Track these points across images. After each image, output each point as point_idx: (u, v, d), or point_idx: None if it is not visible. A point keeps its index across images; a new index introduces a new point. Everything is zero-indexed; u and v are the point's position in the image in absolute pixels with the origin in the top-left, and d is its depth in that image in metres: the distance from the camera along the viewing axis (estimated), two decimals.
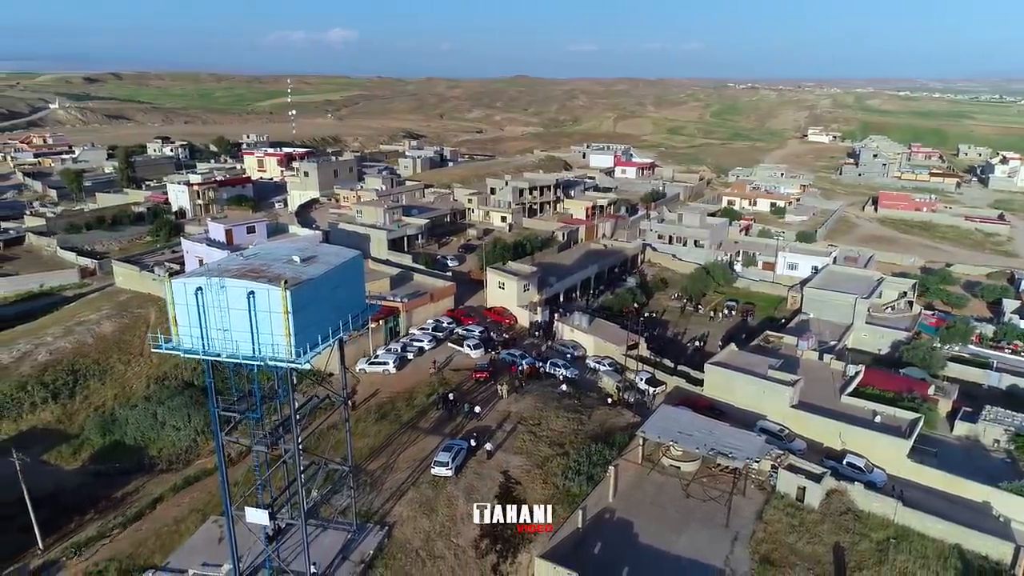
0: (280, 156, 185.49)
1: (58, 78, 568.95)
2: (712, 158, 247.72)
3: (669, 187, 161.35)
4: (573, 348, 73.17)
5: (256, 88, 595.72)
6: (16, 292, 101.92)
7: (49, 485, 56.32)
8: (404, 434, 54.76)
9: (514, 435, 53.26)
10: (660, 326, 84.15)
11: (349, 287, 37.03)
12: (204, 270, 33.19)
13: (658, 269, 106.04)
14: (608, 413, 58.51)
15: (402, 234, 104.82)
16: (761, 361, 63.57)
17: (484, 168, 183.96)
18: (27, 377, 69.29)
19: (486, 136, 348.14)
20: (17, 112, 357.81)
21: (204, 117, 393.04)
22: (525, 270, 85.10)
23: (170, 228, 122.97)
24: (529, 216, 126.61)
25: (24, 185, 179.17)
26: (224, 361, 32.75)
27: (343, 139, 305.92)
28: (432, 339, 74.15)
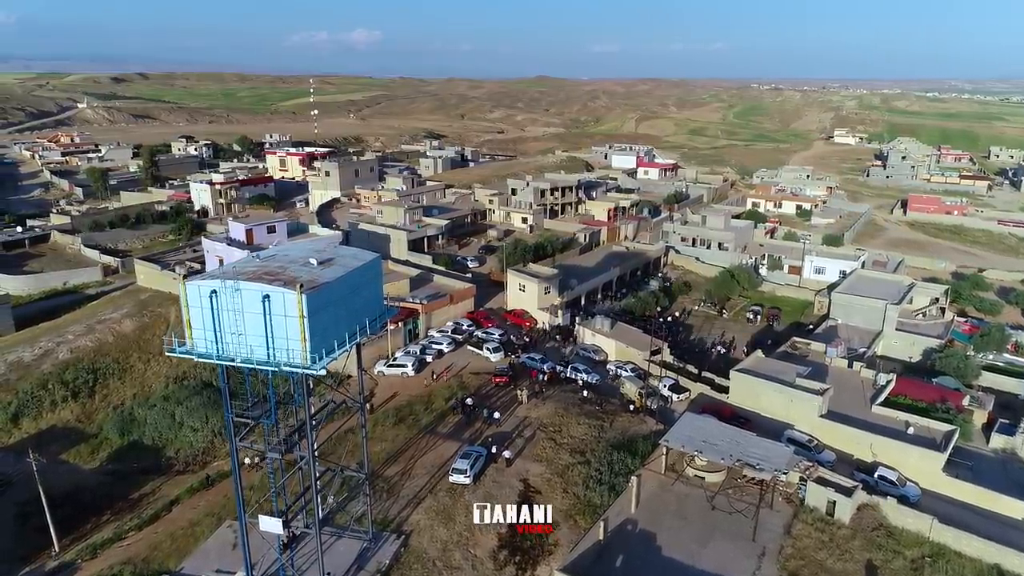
0: (302, 156, 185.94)
1: (86, 78, 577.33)
2: (736, 159, 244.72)
3: (692, 188, 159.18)
4: (594, 352, 71.83)
5: (280, 88, 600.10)
6: (41, 290, 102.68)
7: (67, 484, 56.21)
8: (422, 439, 53.85)
9: (534, 442, 52.11)
10: (683, 330, 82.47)
11: (367, 290, 36.12)
12: (219, 272, 32.49)
13: (681, 272, 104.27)
14: (630, 420, 57.15)
15: (422, 235, 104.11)
16: (788, 368, 61.80)
17: (505, 168, 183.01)
18: (48, 375, 69.50)
19: (507, 136, 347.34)
20: (46, 111, 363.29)
21: (228, 117, 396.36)
22: (546, 272, 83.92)
23: (192, 227, 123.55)
24: (550, 217, 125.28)
25: (51, 183, 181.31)
26: (238, 366, 31.96)
27: (365, 139, 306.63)
28: (451, 342, 73.20)
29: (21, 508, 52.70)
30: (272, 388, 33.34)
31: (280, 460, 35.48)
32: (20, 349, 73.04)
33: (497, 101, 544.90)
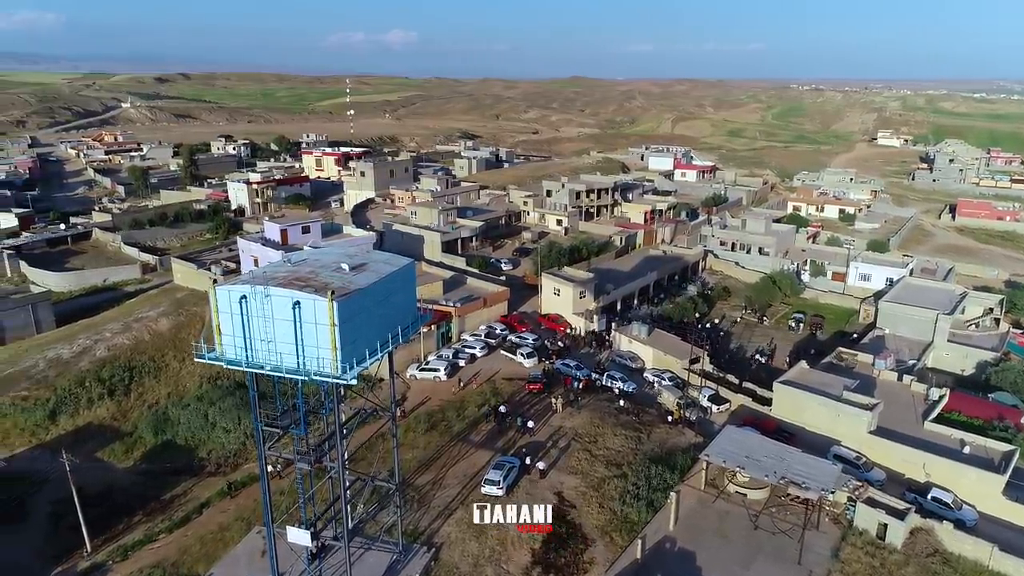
0: (337, 156, 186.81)
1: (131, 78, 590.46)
2: (775, 161, 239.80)
3: (731, 191, 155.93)
4: (631, 360, 69.99)
5: (317, 88, 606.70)
6: (81, 287, 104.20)
7: (101, 484, 56.28)
8: (454, 447, 52.71)
9: (568, 453, 50.59)
10: (722, 338, 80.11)
11: (400, 296, 35.03)
12: (249, 277, 31.65)
13: (720, 277, 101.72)
14: (668, 432, 55.30)
15: (456, 236, 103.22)
16: (835, 381, 59.32)
17: (540, 169, 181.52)
18: (86, 373, 69.90)
19: (542, 137, 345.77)
20: (92, 111, 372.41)
21: (266, 116, 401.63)
22: (581, 276, 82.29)
23: (228, 226, 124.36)
24: (585, 219, 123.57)
25: (94, 181, 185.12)
26: (268, 374, 31.10)
27: (400, 139, 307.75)
28: (484, 346, 72.06)
29: (55, 506, 52.79)
30: (302, 397, 32.41)
31: (310, 470, 34.53)
32: (59, 346, 73.73)
33: (532, 101, 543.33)
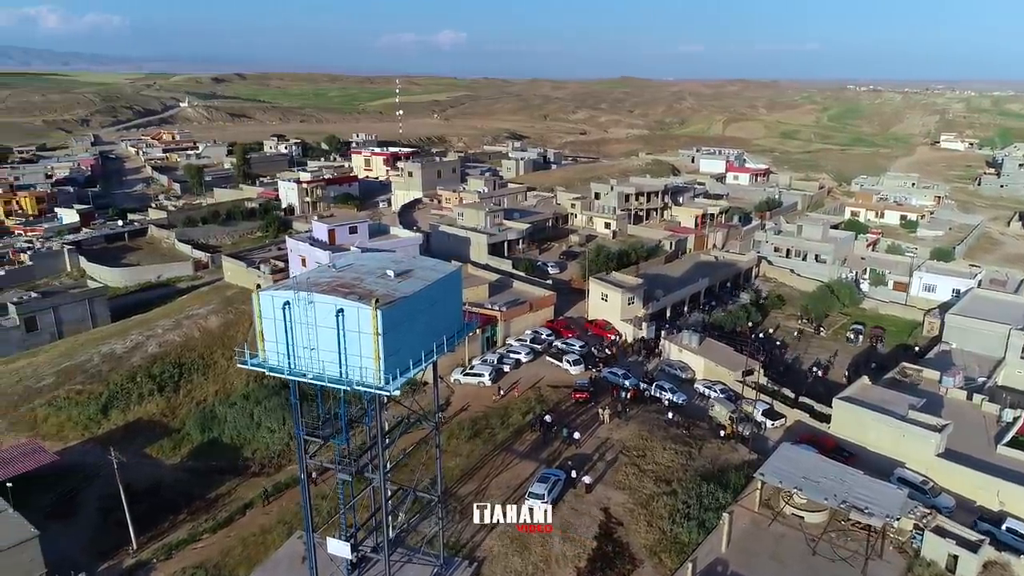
0: (386, 156, 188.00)
1: (189, 78, 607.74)
2: (831, 165, 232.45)
3: (786, 195, 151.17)
4: (681, 370, 67.78)
5: (368, 88, 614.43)
6: (136, 282, 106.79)
7: (148, 480, 56.82)
8: (498, 456, 51.54)
9: (616, 467, 48.92)
10: (776, 348, 77.15)
11: (446, 304, 33.99)
12: (293, 283, 31.01)
13: (774, 285, 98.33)
14: (720, 447, 53.11)
15: (503, 238, 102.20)
16: (899, 399, 56.17)
17: (588, 171, 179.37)
18: (137, 368, 71.07)
19: (590, 138, 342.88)
20: (151, 110, 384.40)
21: (318, 116, 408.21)
22: (630, 282, 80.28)
23: (278, 224, 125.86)
24: (634, 223, 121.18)
25: (152, 179, 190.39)
26: (309, 382, 30.38)
27: (448, 139, 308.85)
28: (530, 351, 70.74)
29: (104, 502, 53.41)
30: (344, 407, 31.61)
31: (350, 480, 33.76)
32: (113, 342, 75.23)
33: (580, 102, 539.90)
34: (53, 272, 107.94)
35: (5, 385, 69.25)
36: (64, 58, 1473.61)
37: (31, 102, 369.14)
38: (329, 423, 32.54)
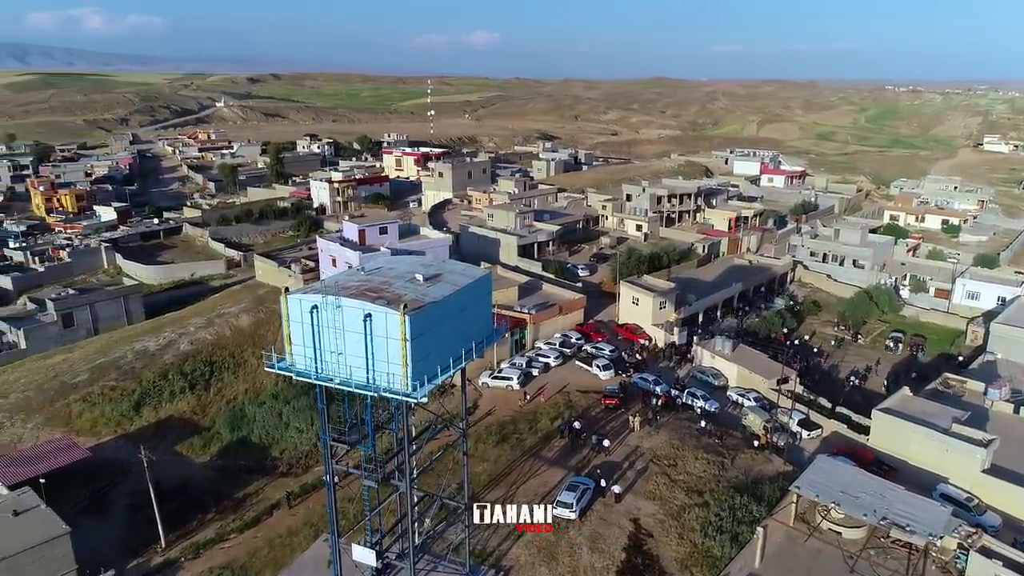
0: (417, 156, 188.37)
1: (226, 78, 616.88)
2: (869, 167, 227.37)
3: (822, 198, 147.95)
4: (713, 376, 66.35)
5: (400, 88, 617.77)
6: (170, 280, 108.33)
7: (178, 477, 57.26)
8: (525, 462, 50.82)
9: (646, 476, 47.87)
10: (813, 356, 75.19)
11: (475, 309, 33.37)
12: (321, 287, 30.66)
13: (810, 290, 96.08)
14: (754, 458, 51.73)
15: (533, 240, 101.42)
16: (942, 411, 54.18)
17: (620, 172, 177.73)
18: (169, 366, 71.75)
19: (621, 139, 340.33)
20: (188, 109, 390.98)
21: (350, 116, 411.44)
22: (662, 286, 78.97)
23: (310, 224, 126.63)
24: (666, 225, 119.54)
25: (187, 177, 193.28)
26: (336, 387, 29.98)
27: (479, 139, 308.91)
28: (559, 355, 69.91)
29: (135, 498, 53.88)
30: (371, 413, 31.16)
31: (377, 489, 33.32)
32: (146, 339, 76.10)
33: (612, 102, 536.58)
34: (90, 269, 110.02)
35: (42, 380, 70.44)
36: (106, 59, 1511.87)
37: (73, 102, 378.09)
38: (355, 429, 32.13)
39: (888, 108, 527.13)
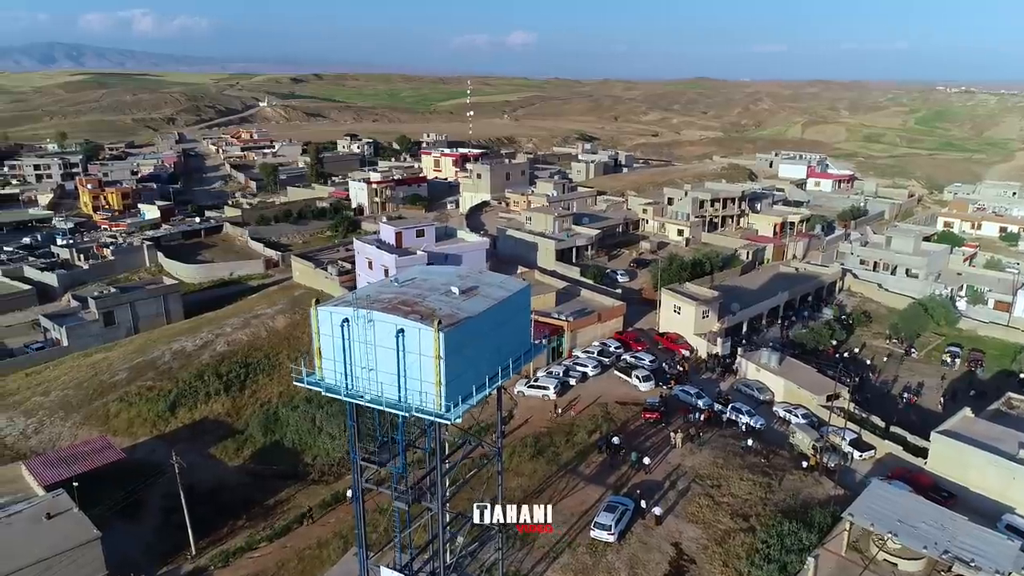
0: (455, 157, 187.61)
1: (270, 78, 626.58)
2: (921, 171, 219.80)
3: (872, 203, 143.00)
4: (758, 391, 63.67)
5: (440, 89, 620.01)
6: (209, 279, 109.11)
7: (212, 481, 56.98)
8: (561, 478, 49.06)
9: (688, 497, 45.72)
10: (864, 371, 71.85)
11: (513, 324, 31.77)
12: (352, 299, 29.38)
13: (859, 300, 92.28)
14: (803, 480, 49.12)
15: (571, 244, 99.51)
16: (1008, 435, 50.80)
17: (661, 175, 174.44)
18: (205, 366, 71.78)
19: (662, 140, 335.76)
20: (233, 109, 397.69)
21: (390, 115, 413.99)
22: (706, 294, 76.37)
23: (348, 224, 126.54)
24: (708, 230, 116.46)
25: (230, 176, 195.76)
26: (366, 405, 28.68)
27: (517, 140, 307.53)
28: (597, 364, 67.95)
29: (168, 501, 53.63)
30: (402, 433, 29.79)
31: (407, 510, 31.95)
32: (184, 339, 76.34)
33: (652, 103, 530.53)
34: (133, 267, 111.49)
35: (82, 379, 71.14)
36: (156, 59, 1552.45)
37: (123, 101, 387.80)
38: (386, 447, 30.80)
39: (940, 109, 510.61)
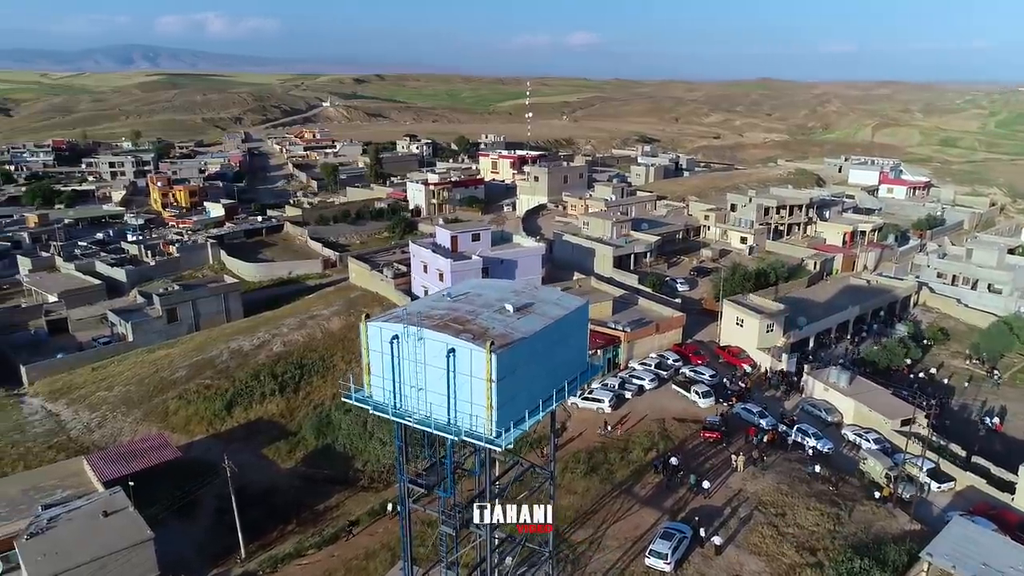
0: (513, 159, 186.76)
1: (333, 79, 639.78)
2: (1002, 178, 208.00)
3: (949, 212, 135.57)
4: (826, 411, 60.35)
5: (499, 90, 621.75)
6: (269, 277, 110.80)
7: (265, 482, 57.15)
8: (615, 499, 47.20)
9: (750, 526, 43.26)
10: (940, 393, 67.49)
11: (569, 345, 30.25)
12: (403, 314, 28.35)
13: (936, 316, 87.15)
14: (875, 512, 45.99)
15: (629, 251, 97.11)
16: None
17: (723, 179, 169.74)
18: (262, 366, 72.29)
19: (724, 142, 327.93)
20: (297, 109, 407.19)
21: (449, 116, 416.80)
22: (771, 307, 73.11)
23: (405, 226, 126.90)
24: (773, 238, 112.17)
25: (292, 175, 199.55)
26: (414, 426, 27.61)
27: (575, 141, 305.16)
28: (654, 377, 65.67)
29: (223, 502, 53.85)
30: (450, 456, 28.62)
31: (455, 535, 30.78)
32: (241, 338, 77.23)
33: (715, 104, 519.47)
34: (197, 264, 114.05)
35: (144, 375, 72.61)
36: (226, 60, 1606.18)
37: (193, 101, 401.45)
38: (434, 470, 29.69)
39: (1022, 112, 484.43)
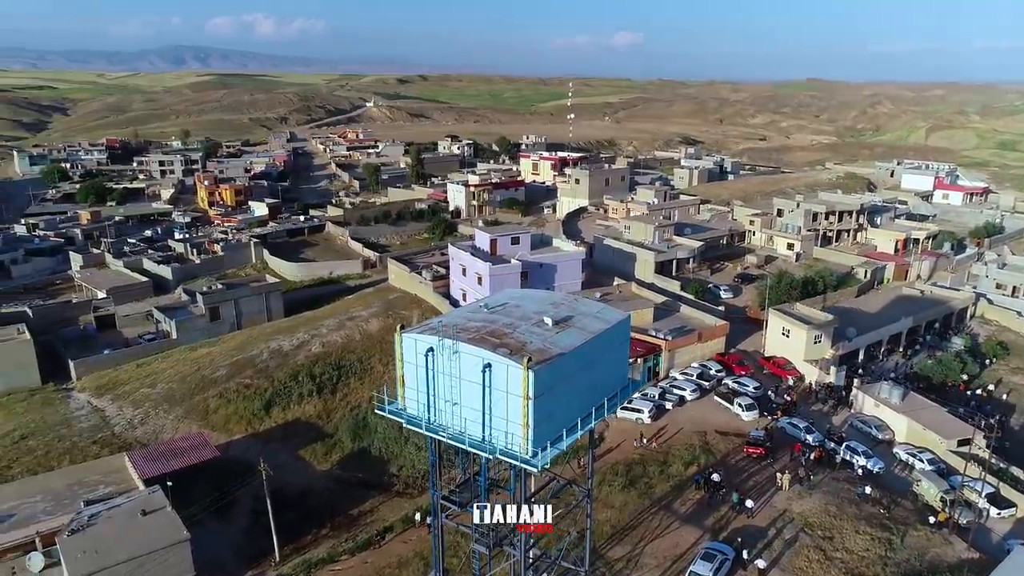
0: (554, 160, 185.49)
1: (377, 79, 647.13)
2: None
3: (1009, 220, 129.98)
4: (876, 428, 57.91)
5: (541, 90, 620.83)
6: (310, 277, 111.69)
7: (300, 484, 57.20)
8: (654, 515, 45.84)
9: (795, 549, 41.50)
10: (1001, 411, 64.28)
11: (609, 360, 29.16)
12: (438, 326, 27.58)
13: (995, 329, 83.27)
14: (929, 538, 43.74)
15: (671, 256, 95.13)
16: None
17: (770, 183, 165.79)
18: (300, 367, 72.58)
19: (770, 144, 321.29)
20: (341, 109, 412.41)
21: (491, 116, 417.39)
22: (819, 317, 70.67)
23: (445, 227, 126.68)
24: (821, 244, 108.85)
25: (335, 175, 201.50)
26: (447, 441, 26.85)
27: (618, 142, 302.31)
28: (696, 388, 63.97)
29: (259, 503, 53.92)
30: (484, 474, 27.80)
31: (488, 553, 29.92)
32: (281, 338, 77.74)
33: (761, 105, 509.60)
34: (240, 263, 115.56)
35: (186, 372, 73.54)
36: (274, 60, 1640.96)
37: (241, 101, 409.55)
38: (467, 486, 28.90)
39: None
